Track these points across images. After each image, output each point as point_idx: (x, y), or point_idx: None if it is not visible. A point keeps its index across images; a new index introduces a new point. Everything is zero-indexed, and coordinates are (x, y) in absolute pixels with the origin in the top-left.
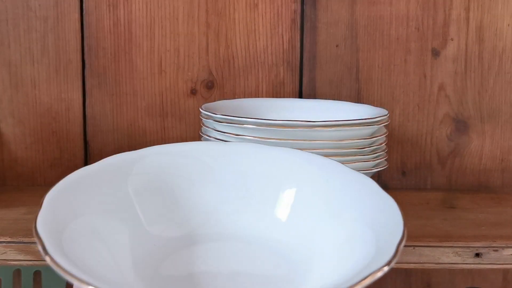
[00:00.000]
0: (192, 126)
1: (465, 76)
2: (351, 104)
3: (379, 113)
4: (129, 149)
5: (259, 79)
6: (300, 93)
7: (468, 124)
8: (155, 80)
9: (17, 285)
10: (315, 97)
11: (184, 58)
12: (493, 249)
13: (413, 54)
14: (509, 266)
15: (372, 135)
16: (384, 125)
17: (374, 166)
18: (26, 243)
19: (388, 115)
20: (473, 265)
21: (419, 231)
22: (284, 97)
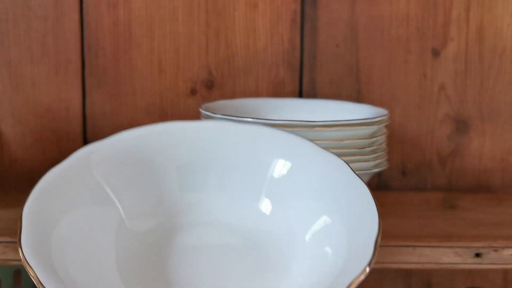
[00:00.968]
0: None
1: (465, 76)
2: (351, 104)
3: (379, 113)
4: None
5: (259, 79)
6: (300, 93)
7: (468, 124)
8: (154, 80)
9: (17, 285)
10: (315, 97)
11: (184, 58)
12: (493, 249)
13: (413, 54)
14: (509, 266)
15: (372, 135)
16: (384, 125)
17: (374, 166)
18: None
19: (388, 115)
20: (473, 265)
21: (419, 231)
22: (284, 97)
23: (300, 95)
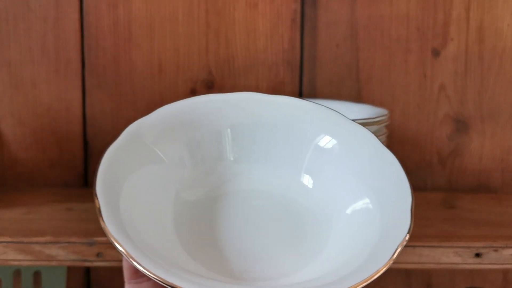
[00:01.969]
0: None
1: (465, 76)
2: (351, 104)
3: (379, 113)
4: None
5: (259, 79)
6: (300, 93)
7: (468, 124)
8: (154, 79)
9: (17, 285)
10: (315, 97)
11: (184, 58)
12: (493, 249)
13: (413, 54)
14: (509, 266)
15: None
16: (384, 125)
17: None
18: (26, 243)
19: (388, 115)
20: (473, 265)
21: (419, 231)
22: None
23: (300, 95)
